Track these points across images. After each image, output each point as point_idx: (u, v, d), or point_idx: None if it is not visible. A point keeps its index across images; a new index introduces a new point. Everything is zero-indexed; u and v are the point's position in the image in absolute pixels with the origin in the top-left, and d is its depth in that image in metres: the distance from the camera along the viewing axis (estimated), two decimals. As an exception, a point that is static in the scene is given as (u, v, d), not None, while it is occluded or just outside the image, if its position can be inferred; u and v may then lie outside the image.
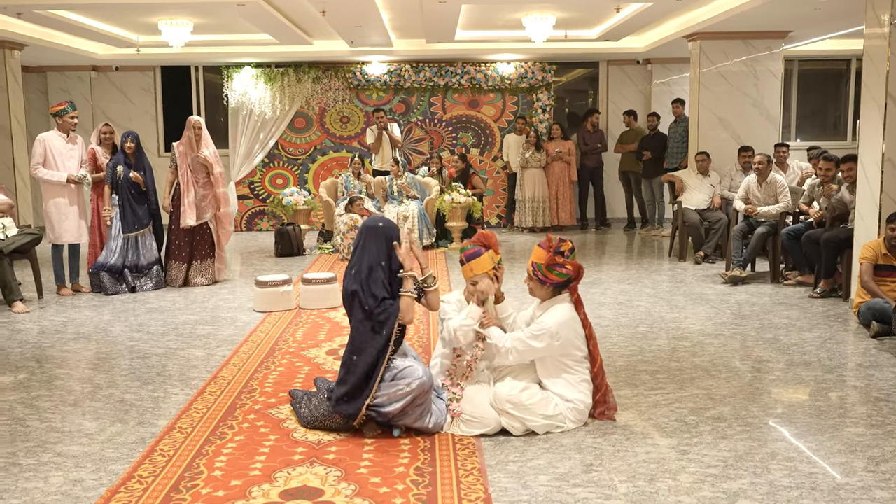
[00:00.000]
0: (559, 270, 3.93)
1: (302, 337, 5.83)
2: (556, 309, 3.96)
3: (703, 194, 9.18)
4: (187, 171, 7.58)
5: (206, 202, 7.65)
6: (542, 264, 3.94)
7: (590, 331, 4.01)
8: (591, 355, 4.00)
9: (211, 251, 7.80)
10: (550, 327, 3.85)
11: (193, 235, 7.69)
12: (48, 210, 7.31)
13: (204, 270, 7.80)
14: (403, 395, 3.71)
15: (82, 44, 10.56)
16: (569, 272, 3.94)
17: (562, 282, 3.96)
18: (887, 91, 6.20)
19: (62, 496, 3.24)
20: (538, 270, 3.96)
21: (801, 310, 6.56)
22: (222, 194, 7.74)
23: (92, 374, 5.05)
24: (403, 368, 3.78)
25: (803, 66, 12.61)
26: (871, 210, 6.43)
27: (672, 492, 3.23)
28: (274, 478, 3.37)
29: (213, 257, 7.82)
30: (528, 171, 11.45)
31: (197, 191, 7.59)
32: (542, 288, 4.01)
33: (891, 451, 3.63)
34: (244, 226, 12.48)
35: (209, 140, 7.75)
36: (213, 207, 7.70)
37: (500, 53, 11.68)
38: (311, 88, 12.15)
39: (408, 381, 3.72)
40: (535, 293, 4.07)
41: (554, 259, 3.92)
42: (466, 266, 4.04)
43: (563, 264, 3.93)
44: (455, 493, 3.21)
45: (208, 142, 7.73)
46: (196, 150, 7.58)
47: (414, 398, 3.73)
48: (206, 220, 7.68)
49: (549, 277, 3.94)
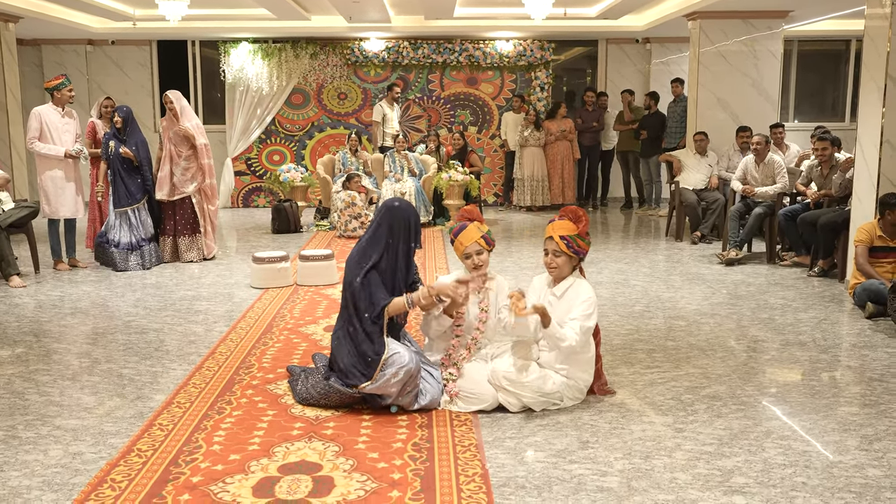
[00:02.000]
0: (588, 239, 3.92)
1: (299, 313, 5.84)
2: (579, 283, 3.94)
3: (700, 174, 9.18)
4: (168, 145, 7.57)
5: (188, 174, 7.61)
6: (575, 235, 3.86)
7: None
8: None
9: (196, 227, 7.77)
10: (594, 299, 3.87)
11: (176, 210, 7.67)
12: (44, 184, 7.28)
13: (192, 246, 7.79)
14: (392, 385, 3.73)
15: (78, 17, 10.48)
16: (590, 241, 3.97)
17: (587, 251, 3.95)
18: (887, 72, 6.19)
19: (62, 469, 3.26)
20: (572, 243, 3.85)
21: (796, 290, 6.59)
22: (207, 165, 7.69)
23: (90, 348, 5.06)
24: (391, 355, 3.77)
25: (803, 47, 12.57)
26: (868, 191, 6.44)
27: (667, 469, 3.26)
28: (272, 452, 3.40)
29: (199, 233, 7.79)
30: (528, 150, 11.42)
31: (178, 163, 7.56)
32: (570, 262, 3.91)
33: (883, 430, 3.67)
34: (241, 202, 12.45)
35: (190, 112, 7.70)
36: (199, 180, 7.66)
37: (498, 31, 11.62)
38: (309, 64, 12.08)
39: (394, 371, 3.72)
40: (561, 271, 3.92)
41: (586, 228, 3.89)
42: (457, 241, 4.05)
43: (588, 232, 3.92)
44: (452, 469, 3.24)
45: (189, 114, 7.67)
46: (177, 124, 7.55)
47: (403, 385, 3.75)
48: (188, 193, 7.63)
49: (582, 248, 3.89)
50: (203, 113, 12.61)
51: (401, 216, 3.89)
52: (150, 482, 3.12)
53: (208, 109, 12.69)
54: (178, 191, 7.60)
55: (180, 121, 7.55)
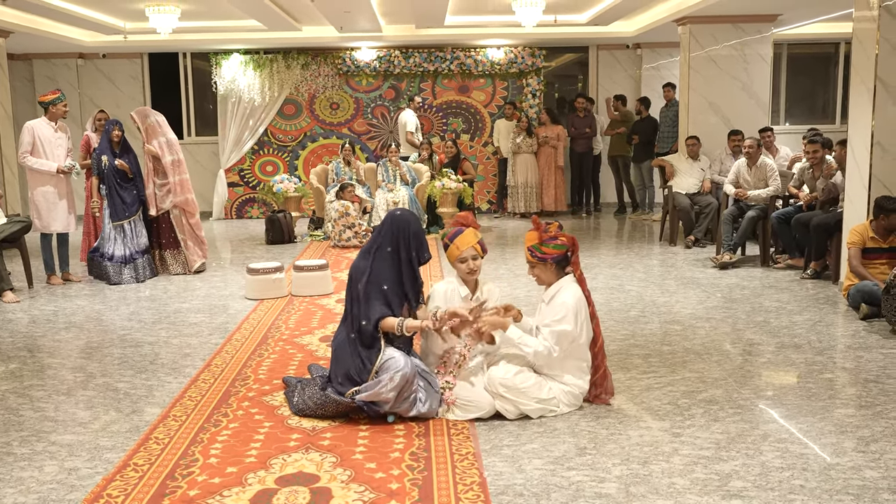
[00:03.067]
0: (554, 243, 3.94)
1: (294, 324, 5.83)
2: (566, 288, 3.94)
3: (693, 178, 9.20)
4: (148, 162, 7.62)
5: (164, 190, 7.62)
6: (537, 243, 3.95)
7: (593, 309, 4.02)
8: (594, 334, 4.02)
9: (176, 241, 7.76)
10: (570, 304, 3.85)
11: (160, 224, 7.69)
12: (36, 199, 7.27)
13: (176, 260, 7.78)
14: (388, 391, 3.72)
15: (68, 31, 10.47)
16: (564, 242, 3.96)
17: (560, 254, 3.95)
18: (876, 74, 6.22)
19: (58, 485, 3.24)
20: (535, 251, 3.95)
21: (791, 293, 6.61)
22: (177, 183, 7.63)
23: (84, 363, 5.04)
24: (386, 360, 3.77)
25: (792, 50, 12.63)
26: (860, 193, 6.47)
27: (665, 474, 3.25)
28: (269, 464, 3.38)
29: (180, 247, 7.78)
30: (520, 157, 11.45)
31: (154, 181, 7.60)
32: (545, 268, 3.98)
33: (880, 431, 3.67)
34: (234, 213, 12.43)
35: (161, 129, 7.65)
36: (175, 195, 7.65)
37: (489, 38, 11.65)
38: (300, 75, 12.09)
39: (390, 376, 3.71)
40: (541, 279, 4.03)
41: (545, 234, 3.94)
42: (452, 245, 4.01)
43: (555, 236, 3.95)
44: (450, 478, 3.23)
45: (159, 131, 7.63)
46: (148, 142, 7.58)
47: (399, 391, 3.74)
48: (166, 209, 7.64)
49: (548, 252, 3.94)
50: (195, 124, 12.63)
51: (402, 225, 3.90)
52: (146, 497, 3.10)
53: (200, 121, 12.69)
54: (159, 206, 7.64)
55: (147, 140, 7.58)
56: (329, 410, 3.86)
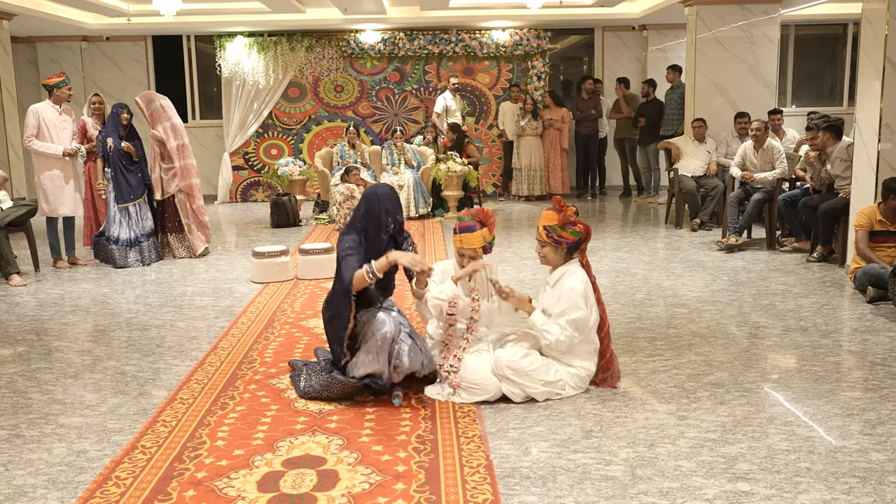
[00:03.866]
0: (573, 229, 3.94)
1: (300, 307, 5.84)
2: (573, 273, 3.95)
3: (699, 161, 9.17)
4: (154, 147, 7.65)
5: (170, 174, 7.64)
6: (556, 225, 3.93)
7: (598, 294, 4.02)
8: (600, 319, 4.02)
9: (180, 226, 7.77)
10: (580, 290, 3.87)
11: (165, 208, 7.73)
12: (42, 182, 7.27)
13: (181, 244, 7.81)
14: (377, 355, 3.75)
15: (72, 13, 10.43)
16: (580, 230, 3.96)
17: (575, 241, 3.95)
18: (885, 55, 6.16)
19: (66, 466, 3.26)
20: (552, 232, 3.93)
21: (797, 276, 6.59)
22: (182, 167, 7.65)
23: (91, 346, 5.06)
24: (368, 322, 3.83)
25: (799, 31, 12.53)
26: (867, 175, 6.43)
27: (671, 457, 3.26)
28: (276, 447, 3.40)
29: (184, 231, 7.79)
30: (525, 140, 11.41)
31: (160, 165, 7.63)
32: (556, 251, 3.98)
33: (886, 414, 3.67)
34: (239, 197, 12.43)
35: (167, 113, 7.66)
36: (182, 179, 7.66)
37: (494, 20, 11.57)
38: (305, 57, 12.04)
39: (374, 338, 3.77)
40: (548, 260, 4.03)
41: (567, 218, 3.93)
42: (457, 237, 4.05)
43: (574, 222, 3.95)
44: (457, 460, 3.24)
45: (165, 115, 7.64)
46: (153, 127, 7.59)
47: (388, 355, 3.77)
48: (172, 192, 7.67)
49: (565, 237, 3.93)
50: (199, 108, 12.59)
51: (374, 202, 3.95)
52: (154, 479, 3.12)
53: (205, 104, 12.66)
54: (165, 190, 7.66)
55: (152, 125, 7.59)
56: (335, 392, 3.88)
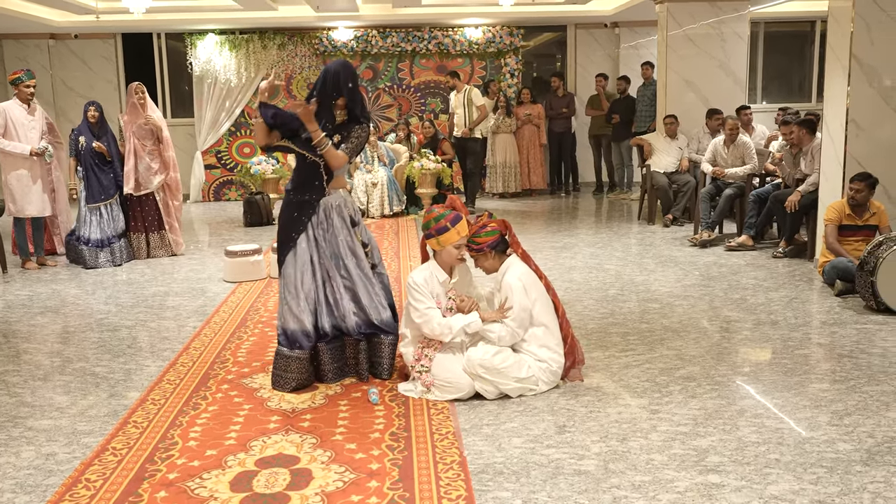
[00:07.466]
0: (485, 231, 4.05)
1: (273, 306, 5.80)
2: (509, 268, 4.04)
3: (671, 157, 9.23)
4: (132, 139, 7.46)
5: (153, 169, 7.54)
6: (470, 235, 4.04)
7: (546, 281, 4.10)
8: (553, 303, 4.06)
9: (160, 224, 7.70)
10: (514, 284, 3.93)
11: (142, 206, 7.60)
12: (9, 182, 7.15)
13: (160, 243, 7.72)
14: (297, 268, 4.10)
15: (39, 10, 10.26)
16: (495, 227, 4.06)
17: (495, 239, 4.04)
18: (851, 52, 6.25)
19: (35, 470, 3.22)
20: (470, 244, 4.05)
21: (767, 270, 6.67)
22: (171, 158, 7.64)
23: (61, 347, 4.99)
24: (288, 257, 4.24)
25: (769, 28, 12.66)
26: (835, 171, 6.52)
27: (644, 450, 3.29)
28: (249, 446, 3.38)
29: (164, 229, 7.72)
30: (499, 137, 11.42)
31: (143, 158, 7.48)
32: (486, 257, 4.09)
33: (853, 405, 3.73)
34: (212, 195, 12.33)
35: (153, 104, 7.64)
36: (163, 174, 7.59)
37: (467, 18, 11.57)
38: (277, 55, 11.96)
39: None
40: (486, 267, 4.14)
41: (474, 227, 4.05)
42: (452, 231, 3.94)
43: (484, 224, 4.06)
44: (430, 457, 3.24)
45: (153, 106, 7.61)
46: (142, 115, 7.47)
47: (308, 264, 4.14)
48: (152, 189, 7.56)
49: (482, 241, 4.04)
50: (171, 106, 12.46)
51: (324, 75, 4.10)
52: (125, 480, 3.09)
53: (176, 103, 12.53)
54: (143, 186, 7.54)
55: (147, 111, 7.47)
56: (292, 370, 3.99)
